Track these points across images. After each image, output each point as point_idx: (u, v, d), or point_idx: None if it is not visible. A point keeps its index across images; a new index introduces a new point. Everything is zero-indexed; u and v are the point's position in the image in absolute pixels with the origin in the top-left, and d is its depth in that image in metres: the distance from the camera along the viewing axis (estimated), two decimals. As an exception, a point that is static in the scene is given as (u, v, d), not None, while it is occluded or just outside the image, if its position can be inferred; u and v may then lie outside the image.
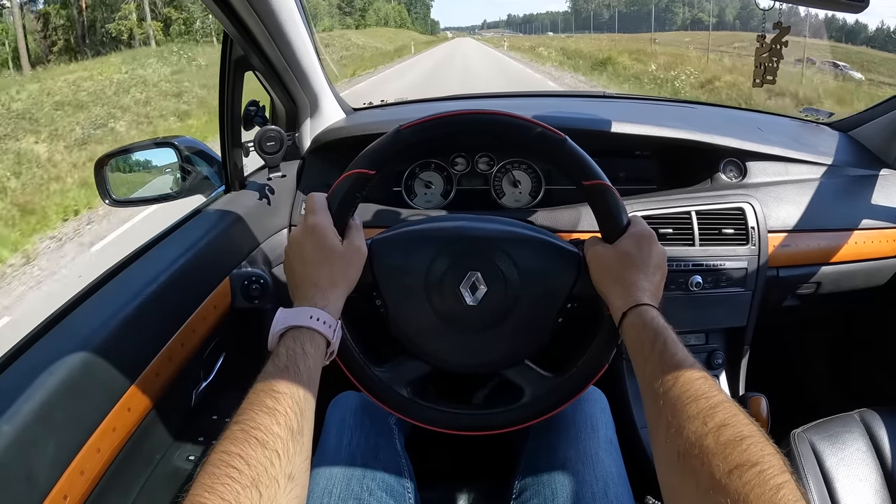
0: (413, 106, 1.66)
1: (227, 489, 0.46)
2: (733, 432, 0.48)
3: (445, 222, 0.83)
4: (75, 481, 0.67)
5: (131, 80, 13.00)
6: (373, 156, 0.75)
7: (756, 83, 1.00)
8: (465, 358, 0.80)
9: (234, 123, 1.12)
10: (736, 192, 1.22)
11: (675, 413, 0.53)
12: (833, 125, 1.53)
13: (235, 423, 0.52)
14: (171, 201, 1.22)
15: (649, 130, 1.26)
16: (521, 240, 0.79)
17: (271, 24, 1.01)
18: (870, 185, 1.30)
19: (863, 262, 1.25)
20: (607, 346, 0.75)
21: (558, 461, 0.83)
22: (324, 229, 0.71)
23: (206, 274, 1.01)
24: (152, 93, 12.39)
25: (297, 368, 0.59)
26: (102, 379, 0.75)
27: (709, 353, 1.29)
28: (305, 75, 1.21)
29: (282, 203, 1.25)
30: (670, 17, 65.82)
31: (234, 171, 1.17)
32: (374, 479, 0.82)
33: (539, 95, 1.91)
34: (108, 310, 0.81)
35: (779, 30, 0.98)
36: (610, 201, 0.74)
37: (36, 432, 0.64)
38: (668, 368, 0.58)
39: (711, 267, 1.16)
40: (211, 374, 1.04)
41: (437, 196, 1.36)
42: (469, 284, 0.76)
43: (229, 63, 1.08)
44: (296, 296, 0.70)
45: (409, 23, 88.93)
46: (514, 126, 0.75)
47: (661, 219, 1.17)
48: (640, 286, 0.69)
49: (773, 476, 0.44)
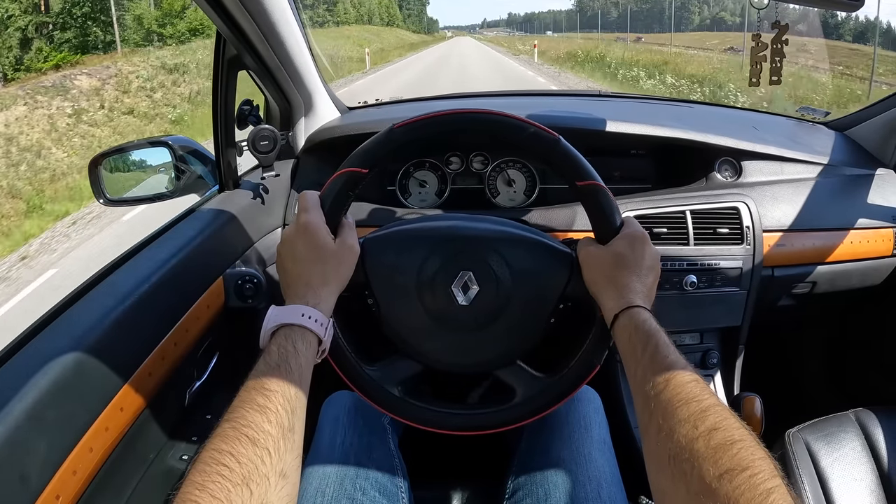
0: (408, 105, 1.66)
1: (217, 487, 0.46)
2: (724, 436, 0.48)
3: (438, 222, 0.83)
4: (68, 481, 0.67)
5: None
6: (366, 154, 0.75)
7: (752, 82, 0.99)
8: (456, 358, 0.80)
9: (227, 123, 1.12)
10: (731, 191, 1.22)
11: (665, 416, 0.53)
12: (829, 124, 1.53)
13: (226, 420, 0.52)
14: (166, 200, 1.21)
15: (644, 129, 1.26)
16: (514, 240, 0.79)
17: (264, 23, 1.01)
18: (866, 184, 1.29)
19: (858, 261, 1.25)
20: (599, 347, 0.75)
21: (552, 461, 0.83)
22: (316, 227, 0.71)
23: (200, 273, 1.01)
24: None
25: (288, 366, 0.59)
26: (95, 379, 0.75)
27: (703, 352, 1.29)
28: (299, 74, 1.21)
29: (276, 202, 1.24)
30: (686, 16, 61.84)
31: (227, 170, 1.17)
32: (367, 479, 0.82)
33: (534, 94, 1.90)
34: (100, 309, 0.81)
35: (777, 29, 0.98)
36: (603, 202, 0.74)
37: (28, 432, 0.64)
38: (659, 371, 0.58)
39: (706, 266, 1.16)
40: (204, 373, 1.03)
41: (431, 195, 1.36)
42: (461, 284, 0.76)
43: (222, 62, 1.07)
44: (287, 294, 0.69)
45: (400, 20, 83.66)
46: (507, 126, 0.75)
47: (656, 218, 1.17)
48: (633, 288, 0.69)
49: (763, 480, 0.44)
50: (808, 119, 1.61)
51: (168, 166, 1.21)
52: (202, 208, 1.12)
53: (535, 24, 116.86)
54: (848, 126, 1.46)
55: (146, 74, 12.24)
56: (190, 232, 1.03)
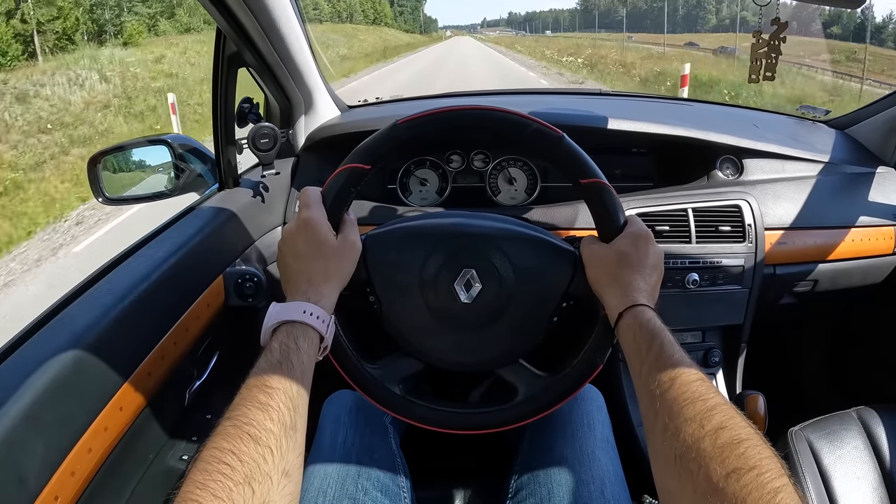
0: (408, 103, 1.66)
1: (219, 486, 0.45)
2: (731, 435, 0.48)
3: (440, 219, 0.83)
4: (66, 482, 0.67)
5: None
6: (368, 150, 0.74)
7: (752, 79, 0.99)
8: (458, 356, 0.79)
9: (227, 120, 1.11)
10: (733, 189, 1.22)
11: (671, 415, 0.53)
12: (830, 123, 1.53)
13: (228, 418, 0.52)
14: (165, 199, 1.21)
15: (646, 128, 1.25)
16: (517, 237, 0.78)
17: (264, 20, 1.00)
18: (867, 182, 1.29)
19: (860, 259, 1.25)
20: (602, 346, 0.75)
21: (555, 460, 0.83)
22: (317, 223, 0.70)
23: (200, 272, 1.00)
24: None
25: (290, 363, 0.58)
26: (94, 378, 0.74)
27: (706, 350, 1.29)
28: (300, 72, 1.20)
29: (276, 201, 1.24)
30: (702, 16, 58.40)
31: (227, 168, 1.16)
32: (369, 479, 0.81)
33: (536, 93, 1.90)
34: (99, 308, 0.80)
35: (777, 26, 0.97)
36: (607, 200, 0.74)
37: (26, 432, 0.64)
38: (664, 370, 0.57)
39: (708, 264, 1.16)
40: (204, 372, 1.03)
41: (432, 193, 1.36)
42: (463, 282, 0.75)
43: (222, 59, 1.07)
44: (288, 290, 0.69)
45: (390, 18, 76.95)
46: (511, 122, 0.75)
47: (658, 216, 1.17)
48: (637, 286, 0.68)
49: (770, 480, 0.43)
50: (809, 117, 1.62)
51: (167, 165, 1.21)
52: (202, 206, 1.12)
53: (536, 24, 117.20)
54: (848, 124, 1.46)
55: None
56: (190, 230, 1.03)
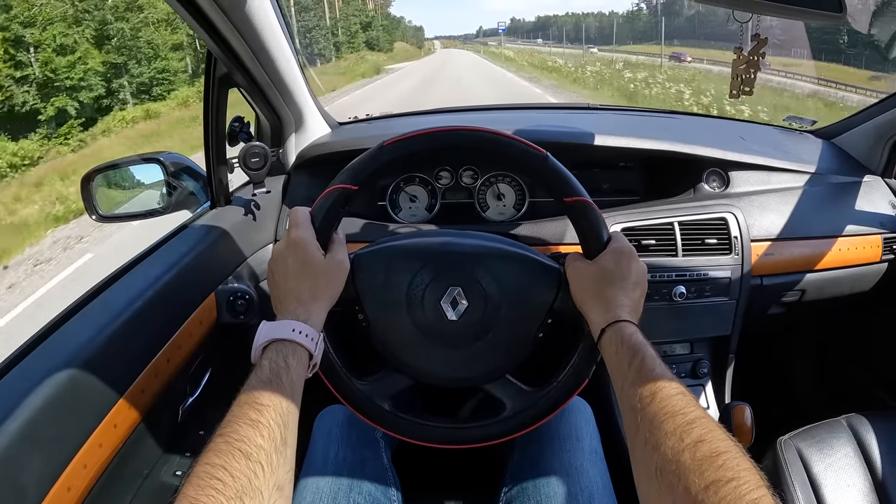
0: (398, 120, 1.67)
1: (211, 501, 0.46)
2: (710, 448, 0.49)
3: (427, 238, 0.84)
4: (62, 498, 0.67)
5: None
6: (356, 171, 0.76)
7: (733, 94, 1.01)
8: (446, 372, 0.80)
9: (218, 140, 1.12)
10: (719, 202, 1.23)
11: (652, 429, 0.54)
12: (816, 133, 1.55)
13: (219, 435, 0.53)
14: (158, 217, 1.22)
15: (632, 143, 1.27)
16: (502, 255, 0.80)
17: (254, 42, 1.01)
18: (853, 191, 1.31)
19: (847, 268, 1.26)
20: (587, 362, 0.76)
21: (544, 472, 0.83)
22: (307, 243, 0.71)
23: (192, 290, 1.01)
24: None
25: (280, 381, 0.59)
26: (88, 395, 0.75)
27: (694, 362, 1.29)
28: (289, 91, 1.21)
29: (267, 218, 1.25)
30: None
31: (219, 186, 1.17)
32: (360, 493, 0.82)
33: (523, 108, 1.91)
34: (93, 326, 0.81)
35: (756, 41, 0.99)
36: (590, 217, 0.75)
37: (22, 449, 0.65)
38: (645, 384, 0.58)
39: (695, 277, 1.17)
40: (197, 389, 1.04)
41: (421, 210, 1.37)
42: (450, 300, 0.77)
43: (213, 80, 1.08)
44: (278, 309, 0.70)
45: (361, 42, 59.63)
46: (496, 143, 0.76)
47: (644, 230, 1.18)
48: (619, 302, 0.69)
49: (748, 491, 0.44)
50: (796, 128, 1.62)
51: (160, 183, 1.22)
52: (194, 224, 1.13)
53: (554, 32, 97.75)
54: (835, 134, 1.47)
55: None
56: (182, 248, 1.04)
